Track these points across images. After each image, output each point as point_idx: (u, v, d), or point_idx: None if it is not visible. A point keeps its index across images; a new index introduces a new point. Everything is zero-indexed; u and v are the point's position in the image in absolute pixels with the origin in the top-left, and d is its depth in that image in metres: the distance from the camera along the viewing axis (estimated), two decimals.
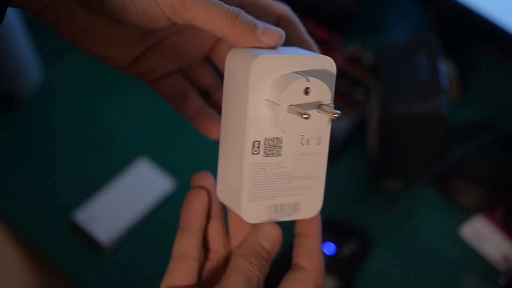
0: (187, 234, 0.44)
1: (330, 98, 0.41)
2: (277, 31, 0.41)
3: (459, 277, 0.78)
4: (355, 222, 0.81)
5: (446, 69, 0.82)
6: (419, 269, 0.78)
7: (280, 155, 0.42)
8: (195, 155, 0.87)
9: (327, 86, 0.41)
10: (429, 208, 0.83)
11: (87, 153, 0.87)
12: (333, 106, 0.40)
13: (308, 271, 0.44)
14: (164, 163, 0.86)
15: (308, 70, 0.41)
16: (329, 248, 0.77)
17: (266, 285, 0.45)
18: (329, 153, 0.44)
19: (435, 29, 0.92)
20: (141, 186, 0.83)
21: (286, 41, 0.43)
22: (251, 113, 0.41)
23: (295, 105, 0.40)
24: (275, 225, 0.44)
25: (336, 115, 0.40)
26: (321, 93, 0.40)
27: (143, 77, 0.47)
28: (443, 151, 0.81)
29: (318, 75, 0.41)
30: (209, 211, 0.45)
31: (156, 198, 0.82)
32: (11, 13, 0.84)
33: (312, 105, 0.40)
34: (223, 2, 0.41)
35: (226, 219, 0.47)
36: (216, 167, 0.45)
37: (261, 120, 0.41)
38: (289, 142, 0.42)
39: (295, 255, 0.45)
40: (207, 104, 0.48)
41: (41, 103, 0.92)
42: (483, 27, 0.86)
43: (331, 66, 0.42)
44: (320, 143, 0.43)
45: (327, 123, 0.42)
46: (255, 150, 0.41)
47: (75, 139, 0.89)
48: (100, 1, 0.40)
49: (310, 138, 0.43)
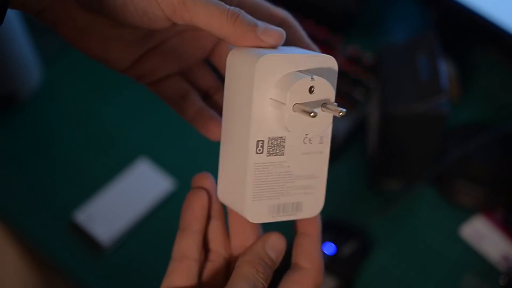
0: (187, 235, 0.44)
1: (334, 96, 0.41)
2: (277, 30, 0.41)
3: (459, 277, 0.78)
4: (355, 222, 0.81)
5: (446, 69, 0.81)
6: (419, 269, 0.78)
7: (283, 154, 0.42)
8: (195, 155, 0.87)
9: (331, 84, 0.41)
10: (429, 208, 0.83)
11: (87, 153, 0.87)
12: (336, 104, 0.40)
13: (307, 271, 0.44)
14: (164, 163, 0.86)
15: (310, 68, 0.41)
16: (329, 248, 0.77)
17: None
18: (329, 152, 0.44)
19: (435, 29, 0.92)
20: (141, 186, 0.83)
21: (287, 46, 0.43)
22: (256, 112, 0.40)
23: (300, 103, 0.40)
24: (281, 235, 0.44)
25: (341, 113, 0.40)
26: (325, 91, 0.40)
27: (143, 79, 0.47)
28: (443, 151, 0.81)
29: (320, 73, 0.41)
30: (210, 212, 0.45)
31: (156, 198, 0.82)
32: (11, 13, 0.84)
33: (316, 103, 0.40)
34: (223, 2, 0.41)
35: (226, 220, 0.46)
36: (216, 167, 0.44)
37: (265, 119, 0.41)
38: (292, 141, 0.42)
39: (295, 254, 0.45)
40: (207, 106, 0.47)
41: (41, 103, 0.92)
42: (483, 27, 0.86)
43: (333, 64, 0.42)
44: (322, 142, 0.43)
45: (331, 122, 0.42)
46: (259, 149, 0.41)
47: (75, 139, 0.89)
48: (99, 1, 0.40)
49: (312, 137, 0.43)
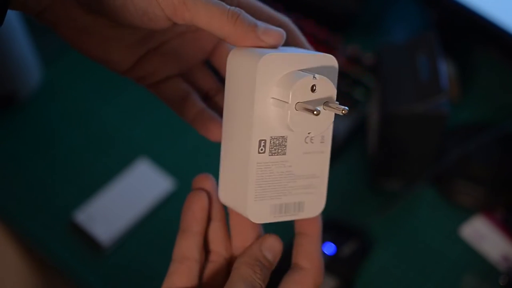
0: (188, 236, 0.44)
1: (335, 94, 0.41)
2: (278, 30, 0.41)
3: (459, 277, 0.78)
4: (355, 222, 0.81)
5: (446, 69, 0.81)
6: (419, 269, 0.78)
7: (285, 154, 0.42)
8: (195, 155, 0.87)
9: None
10: (429, 208, 0.83)
11: (87, 153, 0.87)
12: (338, 103, 0.40)
13: (307, 271, 0.44)
14: (164, 163, 0.86)
15: (311, 67, 0.41)
16: (329, 248, 0.77)
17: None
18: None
19: (435, 29, 0.92)
20: (141, 186, 0.83)
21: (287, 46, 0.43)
22: (258, 111, 0.40)
23: (303, 102, 0.40)
24: (278, 238, 0.44)
25: (344, 111, 0.40)
26: (327, 90, 0.40)
27: (143, 81, 0.47)
28: (443, 151, 0.81)
29: (321, 72, 0.41)
30: (210, 213, 0.45)
31: (156, 198, 0.82)
32: (11, 13, 0.84)
33: (318, 102, 0.40)
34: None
35: (227, 220, 0.46)
36: (217, 167, 0.44)
37: (267, 118, 0.41)
38: (293, 140, 0.42)
39: (295, 254, 0.45)
40: (207, 107, 0.47)
41: (41, 103, 0.92)
42: (483, 27, 0.86)
43: (333, 63, 0.42)
44: (323, 142, 0.43)
45: (333, 120, 0.42)
46: (261, 149, 0.41)
47: (75, 139, 0.89)
48: (99, 2, 0.40)
49: (314, 136, 0.43)
